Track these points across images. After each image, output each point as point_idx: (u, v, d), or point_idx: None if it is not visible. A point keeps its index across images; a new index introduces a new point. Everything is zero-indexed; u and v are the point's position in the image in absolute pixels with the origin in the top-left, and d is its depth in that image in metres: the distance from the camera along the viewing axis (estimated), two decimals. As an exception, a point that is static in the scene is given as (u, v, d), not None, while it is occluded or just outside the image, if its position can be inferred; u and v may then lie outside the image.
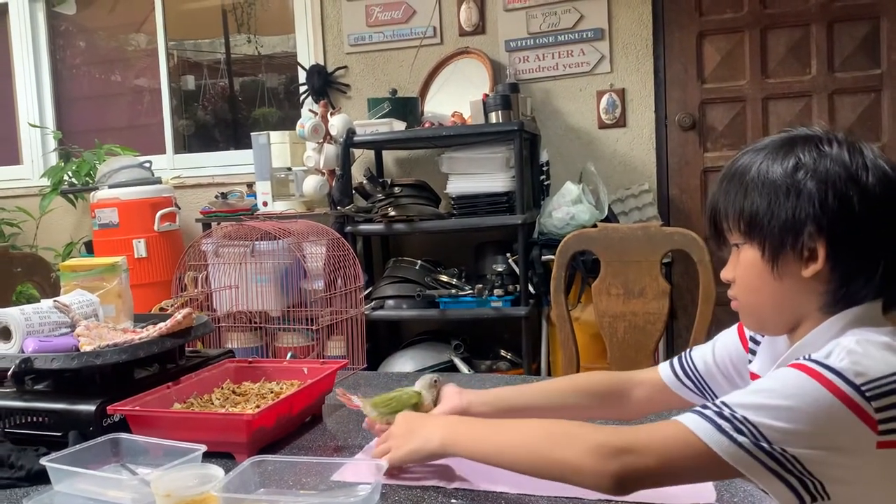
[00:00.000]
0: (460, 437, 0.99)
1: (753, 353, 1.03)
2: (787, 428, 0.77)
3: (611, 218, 2.96)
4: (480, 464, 0.98)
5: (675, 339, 3.25)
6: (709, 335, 1.91)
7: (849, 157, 0.86)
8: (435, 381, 1.18)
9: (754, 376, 1.00)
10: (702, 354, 1.11)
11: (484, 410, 1.15)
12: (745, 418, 0.79)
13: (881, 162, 0.87)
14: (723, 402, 0.81)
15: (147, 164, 3.50)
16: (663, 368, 1.16)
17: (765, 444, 0.77)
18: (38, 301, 1.44)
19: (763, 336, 1.01)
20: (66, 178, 3.76)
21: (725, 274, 0.97)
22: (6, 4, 4.14)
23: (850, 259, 0.86)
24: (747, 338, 1.05)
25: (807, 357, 0.81)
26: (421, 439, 1.02)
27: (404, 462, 1.05)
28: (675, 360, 1.15)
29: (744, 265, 0.93)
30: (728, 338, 1.09)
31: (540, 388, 1.20)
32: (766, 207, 0.88)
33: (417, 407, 1.16)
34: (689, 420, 0.82)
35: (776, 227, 0.88)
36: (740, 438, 0.78)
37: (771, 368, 0.92)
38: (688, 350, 1.15)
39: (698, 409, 0.83)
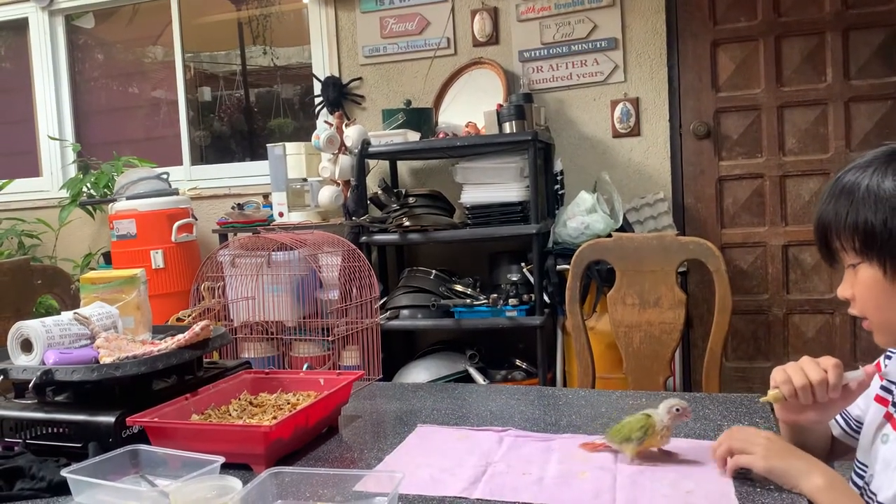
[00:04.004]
0: (836, 499, 0.92)
1: (889, 357, 1.03)
2: None
3: (626, 227, 2.96)
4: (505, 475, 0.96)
5: (691, 349, 3.24)
6: (725, 345, 1.91)
7: None
8: (677, 410, 1.13)
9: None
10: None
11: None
12: None
13: None
14: None
15: (164, 176, 3.53)
16: None
17: None
18: (59, 313, 1.46)
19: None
20: (84, 189, 3.80)
21: (842, 292, 0.97)
22: (26, 19, 4.21)
23: None
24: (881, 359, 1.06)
25: None
26: (797, 468, 0.95)
27: (764, 471, 0.98)
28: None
29: (865, 284, 0.93)
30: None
31: None
32: (882, 224, 0.88)
33: (648, 429, 1.12)
34: None
35: (895, 243, 0.88)
36: None
37: None
38: None
39: None
